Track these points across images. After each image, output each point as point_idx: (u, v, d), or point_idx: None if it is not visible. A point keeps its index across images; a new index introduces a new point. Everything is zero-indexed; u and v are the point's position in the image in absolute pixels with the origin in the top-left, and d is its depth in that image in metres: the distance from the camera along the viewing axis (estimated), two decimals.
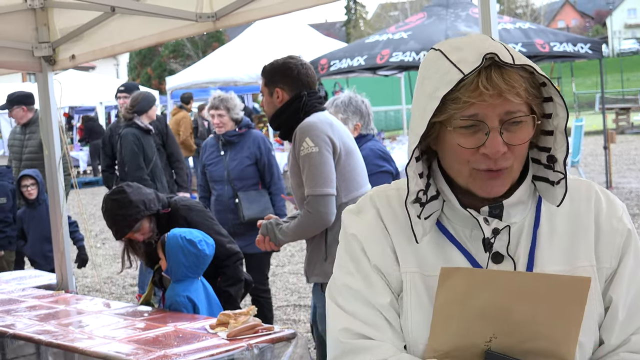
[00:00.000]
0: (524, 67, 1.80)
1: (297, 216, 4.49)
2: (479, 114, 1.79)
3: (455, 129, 1.82)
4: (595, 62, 15.86)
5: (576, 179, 2.00)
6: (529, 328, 1.80)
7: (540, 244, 1.91)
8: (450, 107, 1.81)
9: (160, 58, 50.69)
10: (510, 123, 1.80)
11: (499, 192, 1.86)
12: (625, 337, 1.90)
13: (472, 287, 1.81)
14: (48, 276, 6.65)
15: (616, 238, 1.93)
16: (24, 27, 5.79)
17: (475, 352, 1.83)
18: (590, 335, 1.90)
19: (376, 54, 13.29)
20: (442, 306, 1.84)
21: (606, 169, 15.48)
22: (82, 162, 25.26)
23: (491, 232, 1.89)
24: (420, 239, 1.91)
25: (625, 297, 1.91)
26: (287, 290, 9.36)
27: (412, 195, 1.90)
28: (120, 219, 5.14)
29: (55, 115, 6.02)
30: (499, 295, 1.80)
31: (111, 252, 12.15)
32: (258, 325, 4.22)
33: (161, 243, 5.03)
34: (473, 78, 1.78)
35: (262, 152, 6.99)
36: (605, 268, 1.92)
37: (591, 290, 1.83)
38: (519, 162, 1.86)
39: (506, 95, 1.77)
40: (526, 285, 1.80)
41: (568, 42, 13.64)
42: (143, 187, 5.34)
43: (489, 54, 1.77)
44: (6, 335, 4.71)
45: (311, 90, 4.56)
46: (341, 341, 1.94)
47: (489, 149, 1.79)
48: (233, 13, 4.86)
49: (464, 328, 1.83)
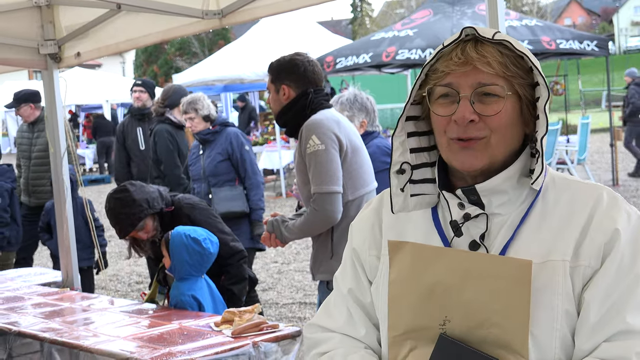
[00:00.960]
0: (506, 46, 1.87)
1: (303, 214, 4.48)
2: (453, 82, 1.88)
3: (435, 101, 1.91)
4: (601, 60, 15.80)
5: (591, 183, 1.97)
6: (479, 312, 1.82)
7: (519, 237, 1.89)
8: (431, 78, 1.92)
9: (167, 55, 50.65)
10: (482, 94, 1.86)
11: (472, 164, 1.88)
12: (596, 343, 1.81)
13: (419, 263, 1.88)
14: (53, 273, 6.65)
15: (600, 236, 1.84)
16: (30, 25, 5.79)
17: (431, 335, 1.86)
18: (551, 332, 1.82)
19: (382, 52, 13.26)
20: (394, 282, 1.93)
21: (612, 167, 15.43)
22: (88, 159, 25.29)
23: (462, 217, 1.91)
24: (397, 211, 2.00)
25: (601, 299, 1.81)
26: (292, 288, 9.35)
27: (395, 166, 1.99)
28: (124, 217, 5.14)
29: (60, 113, 6.02)
30: (447, 274, 1.85)
31: (117, 249, 12.16)
32: (263, 323, 4.21)
33: (165, 241, 5.02)
34: (450, 50, 1.89)
35: (234, 147, 7.12)
36: (583, 266, 1.83)
37: (556, 284, 1.82)
38: (497, 139, 1.87)
39: (476, 64, 1.85)
40: (472, 264, 1.84)
41: (574, 40, 13.60)
42: (146, 186, 5.33)
43: (468, 28, 1.88)
44: (11, 332, 4.72)
45: (318, 87, 4.55)
46: (305, 337, 2.14)
47: (457, 115, 1.86)
48: (239, 10, 4.85)
49: (417, 306, 1.88)
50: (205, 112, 7.14)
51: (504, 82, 1.86)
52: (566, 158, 15.45)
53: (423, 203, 1.99)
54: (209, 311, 4.90)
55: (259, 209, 7.11)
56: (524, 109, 1.90)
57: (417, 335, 1.88)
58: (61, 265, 6.25)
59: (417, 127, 2.01)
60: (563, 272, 1.83)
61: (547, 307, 1.82)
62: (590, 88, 41.77)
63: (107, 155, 24.71)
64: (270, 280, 9.80)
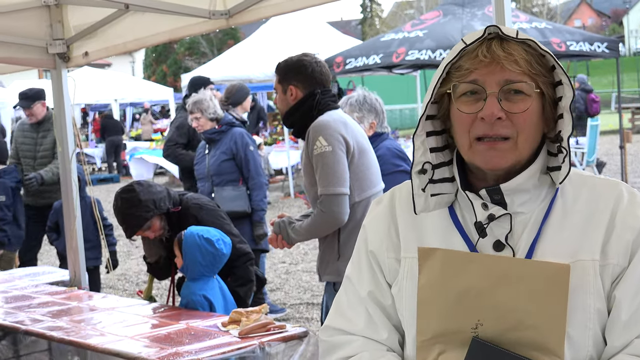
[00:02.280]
0: (529, 44, 1.87)
1: (310, 215, 4.47)
2: (479, 79, 1.86)
3: (458, 98, 1.89)
4: (611, 61, 15.78)
5: (606, 178, 1.99)
6: (513, 315, 1.82)
7: (544, 236, 1.89)
8: (454, 75, 1.90)
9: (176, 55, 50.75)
10: (509, 92, 1.85)
11: (498, 163, 1.87)
12: (628, 339, 1.84)
13: (451, 269, 1.87)
14: (61, 272, 6.66)
15: (626, 234, 1.86)
16: (38, 24, 5.80)
17: (463, 338, 1.86)
18: (584, 331, 1.85)
19: (392, 52, 13.24)
20: (424, 288, 1.91)
21: (622, 169, 15.39)
22: (97, 158, 25.34)
23: (486, 218, 1.90)
24: (419, 212, 1.99)
25: (631, 297, 1.84)
26: (300, 289, 9.35)
27: (417, 166, 1.98)
28: (130, 218, 5.15)
29: (69, 112, 6.03)
30: (479, 279, 1.84)
31: (125, 249, 12.17)
32: (270, 324, 4.21)
33: (178, 241, 5.03)
34: (475, 47, 1.87)
35: (238, 147, 7.14)
36: (612, 264, 1.86)
37: (588, 284, 1.84)
38: (524, 139, 1.87)
39: (503, 63, 1.84)
40: (505, 269, 1.83)
41: (584, 41, 13.56)
42: (154, 186, 5.34)
43: (492, 26, 1.86)
44: (19, 331, 4.73)
45: (325, 88, 4.54)
46: (322, 340, 2.10)
47: (484, 112, 1.84)
48: (246, 10, 4.85)
49: (447, 311, 1.87)
50: (211, 112, 7.16)
51: (530, 80, 1.86)
52: (575, 160, 15.42)
53: (442, 203, 1.99)
54: (220, 311, 4.90)
55: (260, 210, 7.11)
56: (546, 107, 1.90)
57: (447, 339, 1.88)
58: (69, 264, 6.26)
59: (434, 127, 2.00)
60: (593, 272, 1.85)
61: (581, 307, 1.84)
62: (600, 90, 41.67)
63: (116, 155, 24.77)
64: (278, 280, 9.80)
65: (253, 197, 7.10)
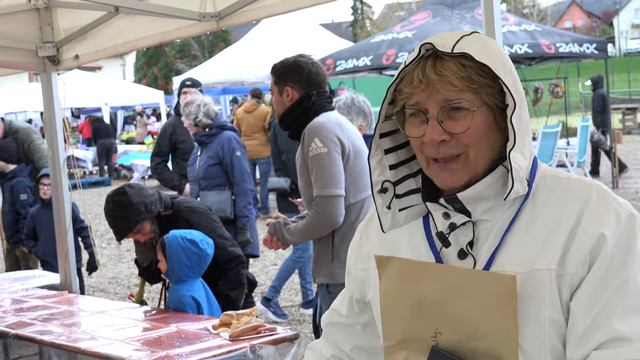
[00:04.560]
0: (466, 56, 1.79)
1: (305, 216, 4.47)
2: (420, 102, 1.83)
3: (407, 120, 1.87)
4: (601, 62, 15.80)
5: (581, 179, 1.90)
6: (467, 325, 1.80)
7: (506, 244, 1.83)
8: (399, 98, 1.87)
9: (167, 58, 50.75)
10: (449, 110, 1.80)
11: (453, 182, 1.84)
12: (586, 352, 1.75)
13: (407, 278, 1.87)
14: (52, 276, 6.65)
15: (585, 242, 1.76)
16: (28, 27, 5.78)
17: (425, 346, 1.86)
18: (540, 344, 1.78)
19: (382, 54, 13.26)
20: (385, 295, 1.93)
21: (612, 169, 15.44)
22: (88, 162, 25.31)
23: (447, 227, 1.88)
24: (388, 229, 1.98)
25: (587, 308, 1.75)
26: (292, 291, 9.35)
27: (377, 186, 1.96)
28: (121, 220, 5.14)
29: (59, 116, 6.01)
30: (434, 288, 1.83)
31: (116, 252, 12.16)
32: (261, 326, 4.21)
33: (161, 245, 5.02)
34: (412, 70, 1.83)
35: (224, 152, 7.10)
36: (570, 274, 1.77)
37: (542, 295, 1.77)
38: (475, 152, 1.82)
39: (436, 86, 1.79)
40: (458, 280, 1.81)
41: (574, 43, 13.61)
42: (145, 189, 5.33)
43: (426, 44, 1.82)
44: (9, 335, 4.71)
45: (321, 89, 4.54)
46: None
47: (426, 137, 1.82)
48: (236, 12, 4.85)
49: (408, 319, 1.88)
50: (192, 117, 7.15)
51: (471, 95, 1.79)
52: (566, 161, 15.46)
53: (413, 215, 1.96)
54: (206, 313, 4.90)
55: (243, 216, 7.06)
56: (497, 116, 1.83)
57: (411, 346, 1.88)
58: (59, 268, 6.25)
59: (395, 141, 1.96)
60: (549, 282, 1.77)
61: (534, 319, 1.78)
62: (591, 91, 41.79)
63: (108, 158, 24.74)
64: (270, 283, 9.78)
65: (237, 203, 7.05)
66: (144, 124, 28.21)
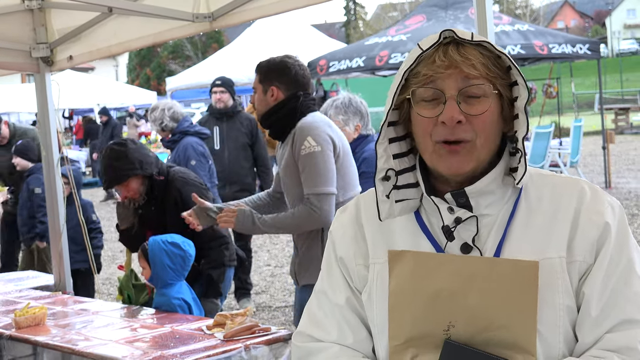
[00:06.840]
0: (485, 46, 1.89)
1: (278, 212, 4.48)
2: (438, 84, 1.88)
3: (418, 103, 1.91)
4: (594, 63, 15.85)
5: (566, 176, 2.02)
6: (484, 316, 1.83)
7: (510, 236, 1.91)
8: (412, 82, 1.92)
9: (160, 59, 50.70)
10: (468, 95, 1.87)
11: (460, 168, 1.89)
12: (599, 335, 1.87)
13: (421, 271, 1.89)
14: (46, 277, 6.64)
15: (592, 231, 1.89)
16: (22, 28, 5.78)
17: (435, 341, 1.87)
18: (555, 329, 1.87)
19: (375, 56, 13.30)
20: (395, 292, 1.92)
21: (605, 170, 15.47)
22: (81, 162, 25.24)
23: (453, 221, 1.92)
24: (384, 218, 1.99)
25: (599, 293, 1.87)
26: (285, 291, 9.35)
27: (380, 173, 1.99)
28: (113, 170, 5.26)
29: (53, 117, 6.01)
30: (449, 280, 1.86)
31: (110, 253, 12.15)
32: (255, 326, 4.21)
33: (142, 252, 5.01)
34: (431, 53, 1.89)
35: (180, 160, 7.16)
36: (579, 262, 1.88)
37: (556, 282, 1.87)
38: (483, 140, 1.89)
39: (461, 67, 1.86)
40: (475, 269, 1.85)
41: (567, 43, 13.65)
42: (146, 149, 5.46)
43: (447, 31, 1.89)
44: (3, 336, 4.71)
45: (307, 91, 4.54)
46: (296, 345, 2.10)
47: (445, 116, 1.86)
48: (229, 13, 4.86)
49: (419, 315, 1.88)
50: (157, 123, 7.21)
51: (488, 82, 1.88)
52: (559, 161, 15.48)
53: (407, 208, 1.99)
54: (195, 314, 4.90)
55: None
56: (504, 108, 1.93)
57: (419, 343, 1.89)
58: (54, 269, 6.24)
59: (396, 132, 2.00)
60: (561, 269, 1.87)
61: (550, 304, 1.86)
62: (583, 91, 41.88)
63: None
64: (264, 283, 9.80)
65: None
66: (133, 125, 28.16)
